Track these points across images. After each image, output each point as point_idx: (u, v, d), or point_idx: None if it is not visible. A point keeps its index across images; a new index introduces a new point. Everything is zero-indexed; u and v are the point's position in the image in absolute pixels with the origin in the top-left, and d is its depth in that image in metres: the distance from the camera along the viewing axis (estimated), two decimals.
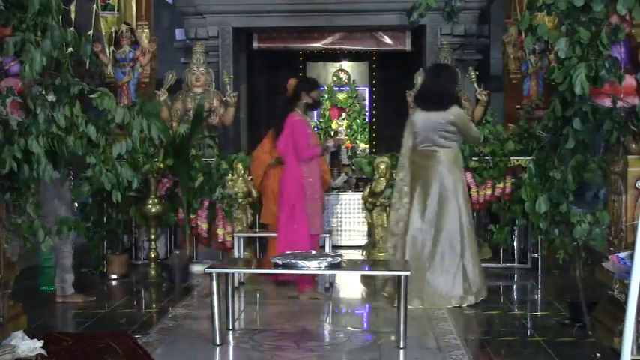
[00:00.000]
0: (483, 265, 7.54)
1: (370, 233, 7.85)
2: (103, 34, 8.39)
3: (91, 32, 7.90)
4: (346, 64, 12.54)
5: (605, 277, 4.50)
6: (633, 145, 4.46)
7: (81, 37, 4.07)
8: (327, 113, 12.04)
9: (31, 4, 3.75)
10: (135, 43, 8.53)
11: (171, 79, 8.39)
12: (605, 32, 4.14)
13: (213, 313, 4.69)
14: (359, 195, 8.38)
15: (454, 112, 5.87)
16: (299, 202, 6.09)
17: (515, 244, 7.55)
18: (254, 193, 7.36)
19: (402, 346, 4.57)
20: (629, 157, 4.48)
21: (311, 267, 4.79)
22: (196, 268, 7.19)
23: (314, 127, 11.61)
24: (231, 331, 5.01)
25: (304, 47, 11.07)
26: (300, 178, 6.11)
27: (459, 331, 5.03)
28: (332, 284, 6.61)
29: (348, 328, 5.25)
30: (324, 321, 5.56)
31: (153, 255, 7.16)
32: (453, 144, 5.91)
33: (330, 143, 6.56)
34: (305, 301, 6.01)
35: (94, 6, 8.32)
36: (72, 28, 3.98)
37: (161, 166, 7.21)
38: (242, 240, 7.06)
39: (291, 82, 7.58)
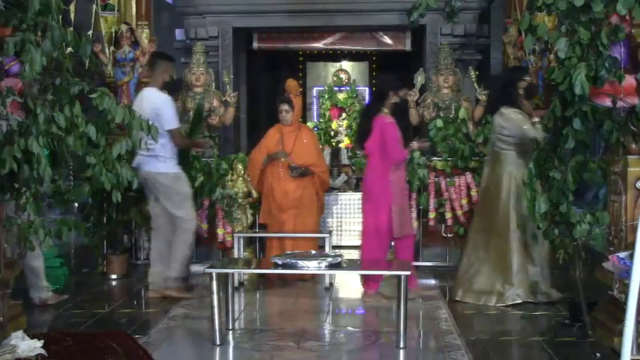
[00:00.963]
0: None
1: None
2: (103, 34, 8.39)
3: (91, 32, 7.95)
4: (346, 64, 12.52)
5: (605, 277, 4.50)
6: (633, 145, 4.47)
7: (81, 37, 4.07)
8: (327, 113, 12.03)
9: (31, 4, 3.75)
10: (135, 43, 8.52)
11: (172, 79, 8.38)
12: (605, 32, 4.14)
13: (213, 313, 4.69)
14: (359, 195, 8.36)
15: (504, 115, 5.99)
16: (385, 206, 5.98)
17: None
18: (254, 193, 7.36)
19: (402, 346, 4.58)
20: (629, 157, 4.48)
21: (311, 267, 4.79)
22: (196, 268, 7.19)
23: (313, 128, 11.63)
24: (231, 331, 5.01)
25: (304, 47, 11.05)
26: (388, 181, 6.00)
27: (459, 331, 5.03)
28: (332, 284, 6.61)
29: (348, 328, 5.25)
30: (324, 321, 5.56)
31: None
32: (509, 147, 6.01)
33: (415, 145, 6.47)
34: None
35: (94, 6, 8.34)
36: (72, 28, 3.98)
37: None
38: (242, 240, 7.06)
39: (290, 82, 7.59)
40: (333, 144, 11.12)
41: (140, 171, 6.01)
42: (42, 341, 4.04)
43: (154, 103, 6.04)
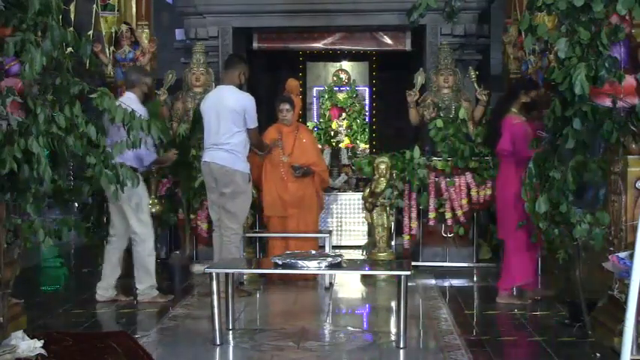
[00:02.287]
0: (483, 265, 7.60)
1: (370, 233, 7.85)
2: (103, 34, 8.39)
3: (91, 32, 7.94)
4: (346, 64, 12.53)
5: (605, 277, 4.50)
6: (633, 145, 4.47)
7: (81, 37, 4.07)
8: (327, 113, 12.03)
9: (31, 4, 3.74)
10: (135, 43, 8.52)
11: (172, 79, 8.39)
12: (605, 32, 4.14)
13: (213, 313, 4.70)
14: (359, 195, 8.38)
15: None
16: (521, 213, 5.53)
17: None
18: (254, 192, 7.35)
19: (402, 346, 4.58)
20: (629, 157, 4.48)
21: (311, 267, 4.79)
22: (196, 268, 7.19)
23: (313, 128, 11.62)
24: (231, 331, 5.01)
25: (304, 47, 11.06)
26: (520, 185, 5.42)
27: (459, 331, 5.03)
28: (332, 284, 6.61)
29: (348, 328, 5.25)
30: (324, 321, 5.56)
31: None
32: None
33: None
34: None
35: (94, 6, 8.34)
36: (72, 28, 3.98)
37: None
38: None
39: (291, 82, 7.60)
40: (333, 144, 11.13)
41: (211, 164, 6.07)
42: (42, 341, 4.03)
43: (241, 100, 6.12)
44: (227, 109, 6.06)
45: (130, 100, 5.85)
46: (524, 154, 5.63)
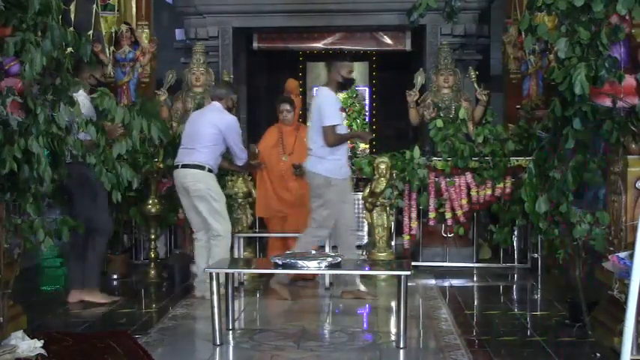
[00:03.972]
0: (483, 265, 7.60)
1: (370, 233, 7.85)
2: (103, 34, 8.39)
3: (91, 32, 7.94)
4: None
5: (605, 277, 4.50)
6: (633, 145, 4.46)
7: (81, 37, 4.07)
8: None
9: (31, 4, 3.75)
10: (135, 43, 8.52)
11: (171, 79, 8.39)
12: (605, 32, 4.14)
13: (213, 313, 4.69)
14: (359, 195, 8.36)
15: None
16: None
17: (515, 244, 7.56)
18: (254, 193, 7.35)
19: (402, 346, 4.58)
20: (629, 157, 4.48)
21: (311, 267, 4.79)
22: (196, 268, 7.18)
23: None
24: (231, 331, 5.01)
25: (304, 47, 11.06)
26: None
27: (459, 331, 5.03)
28: (332, 284, 6.60)
29: (348, 328, 5.25)
30: (324, 321, 5.56)
31: (153, 255, 7.16)
32: None
33: None
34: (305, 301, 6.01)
35: (94, 6, 8.34)
36: (72, 28, 3.98)
37: (161, 166, 7.20)
38: (242, 240, 7.06)
39: (291, 82, 7.59)
40: None
41: (307, 171, 6.11)
42: (42, 341, 4.04)
43: (318, 98, 6.06)
44: (313, 109, 6.10)
45: (215, 109, 6.21)
46: None
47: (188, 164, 6.10)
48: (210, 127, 6.11)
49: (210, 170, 6.09)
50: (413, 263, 5.51)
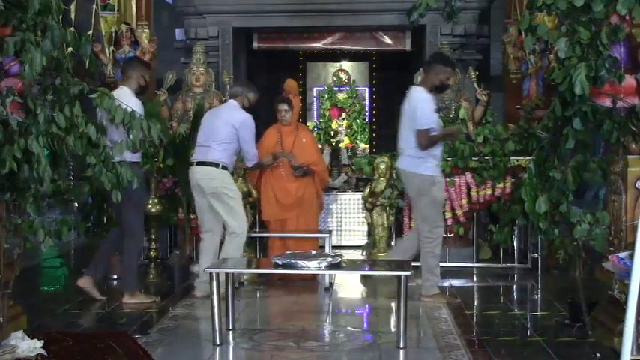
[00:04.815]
0: (483, 265, 7.60)
1: (370, 233, 7.85)
2: (103, 34, 8.39)
3: (91, 32, 7.95)
4: (346, 64, 12.54)
5: (605, 277, 4.50)
6: (633, 145, 4.46)
7: (81, 37, 4.07)
8: (327, 113, 12.04)
9: (31, 4, 3.74)
10: (135, 43, 8.53)
11: (171, 79, 8.39)
12: (605, 32, 4.14)
13: (213, 313, 4.69)
14: (359, 195, 8.38)
15: None
16: None
17: (515, 244, 7.55)
18: (254, 193, 7.35)
19: (402, 346, 4.58)
20: (629, 157, 4.48)
21: (311, 267, 4.79)
22: (196, 268, 7.18)
23: (313, 128, 11.62)
24: (231, 331, 5.01)
25: (304, 47, 11.07)
26: None
27: (459, 331, 5.03)
28: (332, 284, 6.61)
29: (348, 328, 5.25)
30: (324, 321, 5.56)
31: (153, 255, 7.16)
32: None
33: None
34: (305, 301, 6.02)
35: (94, 6, 8.34)
36: (72, 28, 3.98)
37: (161, 166, 7.20)
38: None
39: (290, 82, 7.59)
40: (333, 144, 11.13)
41: (398, 170, 6.09)
42: (42, 341, 4.04)
43: (413, 100, 5.91)
44: (407, 111, 5.96)
45: (231, 107, 6.20)
46: None
47: (203, 162, 6.07)
48: (225, 125, 6.08)
49: (224, 167, 6.05)
50: (413, 263, 5.50)
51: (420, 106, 5.80)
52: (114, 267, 7.13)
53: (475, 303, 6.19)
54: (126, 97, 5.93)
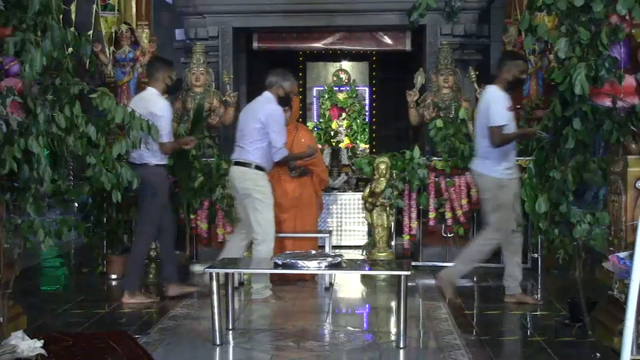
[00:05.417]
0: (483, 265, 7.58)
1: (370, 233, 7.85)
2: (103, 34, 8.39)
3: (91, 32, 7.95)
4: (346, 64, 12.53)
5: (605, 277, 4.50)
6: (633, 145, 4.46)
7: (81, 37, 4.07)
8: (327, 113, 12.03)
9: (31, 4, 3.75)
10: (135, 43, 8.53)
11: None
12: (605, 32, 4.14)
13: (213, 313, 4.70)
14: (359, 195, 8.37)
15: None
16: None
17: None
18: None
19: (402, 346, 4.58)
20: (629, 157, 4.48)
21: (311, 267, 4.79)
22: (196, 268, 7.19)
23: (313, 128, 11.61)
24: (231, 331, 5.01)
25: (304, 47, 11.06)
26: None
27: (459, 331, 5.03)
28: (332, 284, 6.61)
29: (348, 328, 5.25)
30: (324, 321, 5.56)
31: (153, 255, 7.15)
32: None
33: None
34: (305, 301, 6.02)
35: (94, 6, 8.34)
36: (72, 28, 3.98)
37: None
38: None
39: None
40: (333, 144, 11.12)
41: (470, 170, 6.09)
42: (42, 341, 4.03)
43: (486, 96, 5.83)
44: (480, 109, 5.91)
45: (263, 100, 6.06)
46: None
47: (238, 161, 6.05)
48: (254, 122, 5.98)
49: (258, 167, 5.97)
50: (413, 263, 5.51)
51: (492, 102, 5.71)
52: (112, 264, 7.15)
53: (475, 303, 6.19)
54: (153, 99, 5.98)
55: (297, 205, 6.94)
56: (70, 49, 4.08)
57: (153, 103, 5.92)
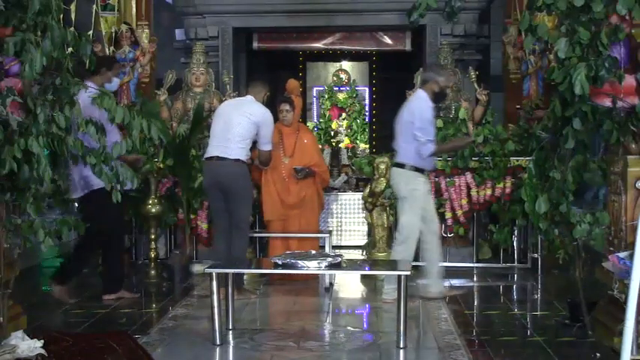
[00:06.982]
0: (483, 265, 7.60)
1: (370, 233, 7.85)
2: (103, 34, 8.39)
3: (91, 32, 7.94)
4: (346, 64, 12.54)
5: (605, 277, 4.50)
6: (633, 145, 4.46)
7: (81, 37, 4.07)
8: (327, 113, 12.04)
9: (31, 4, 3.74)
10: (135, 43, 8.53)
11: (171, 79, 8.39)
12: (605, 32, 4.14)
13: (213, 313, 4.70)
14: (359, 195, 8.37)
15: None
16: None
17: (515, 244, 7.55)
18: (254, 193, 7.34)
19: (402, 346, 4.58)
20: (629, 157, 4.48)
21: (311, 267, 4.79)
22: (196, 268, 7.19)
23: (313, 128, 11.62)
24: (231, 331, 5.01)
25: (304, 47, 11.07)
26: None
27: (459, 331, 5.03)
28: (332, 284, 6.61)
29: (348, 328, 5.25)
30: (324, 321, 5.56)
31: (153, 255, 7.16)
32: None
33: None
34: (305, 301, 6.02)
35: (94, 6, 8.34)
36: (72, 28, 3.98)
37: (161, 166, 7.20)
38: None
39: (291, 82, 7.59)
40: (333, 144, 11.13)
41: None
42: (42, 341, 4.03)
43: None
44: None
45: (417, 99, 5.99)
46: None
47: (397, 163, 6.09)
48: (407, 117, 5.98)
49: (414, 168, 6.00)
50: (413, 263, 5.50)
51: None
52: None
53: (475, 303, 6.19)
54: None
55: (302, 204, 6.96)
56: (70, 49, 4.07)
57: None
